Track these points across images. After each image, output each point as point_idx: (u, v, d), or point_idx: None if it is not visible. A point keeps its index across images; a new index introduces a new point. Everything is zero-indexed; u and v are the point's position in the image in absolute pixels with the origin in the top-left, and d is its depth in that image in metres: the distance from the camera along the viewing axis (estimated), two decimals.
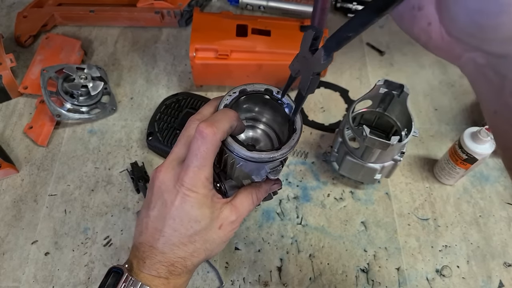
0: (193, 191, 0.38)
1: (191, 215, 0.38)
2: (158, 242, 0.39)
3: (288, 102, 0.42)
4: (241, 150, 0.38)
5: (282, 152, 0.39)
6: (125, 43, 0.89)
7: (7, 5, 0.95)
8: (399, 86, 0.60)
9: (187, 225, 0.38)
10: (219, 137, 0.37)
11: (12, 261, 0.62)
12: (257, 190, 0.44)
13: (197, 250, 0.39)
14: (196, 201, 0.38)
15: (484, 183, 0.71)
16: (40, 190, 0.69)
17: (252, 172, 0.42)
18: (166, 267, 0.38)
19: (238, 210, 0.42)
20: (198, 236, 0.39)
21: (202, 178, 0.38)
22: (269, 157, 0.39)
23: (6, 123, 0.76)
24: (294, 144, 0.40)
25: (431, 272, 0.62)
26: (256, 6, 0.93)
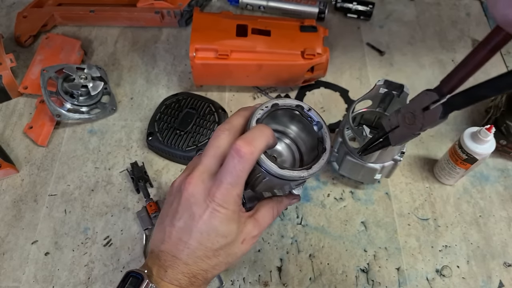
0: (224, 207, 0.38)
1: (218, 230, 0.38)
2: (182, 253, 0.39)
3: (318, 120, 0.42)
4: (273, 167, 0.38)
5: (312, 172, 0.39)
6: (125, 43, 0.89)
7: (7, 5, 0.95)
8: (399, 86, 0.60)
9: (214, 239, 0.39)
10: (256, 157, 0.37)
11: (12, 261, 0.62)
12: (278, 204, 0.44)
13: (220, 263, 0.40)
14: (226, 217, 0.38)
15: (484, 183, 0.71)
16: (40, 190, 0.69)
17: (276, 187, 0.42)
18: (188, 278, 0.39)
19: (260, 224, 0.42)
20: (223, 251, 0.40)
21: (234, 195, 0.38)
22: (299, 176, 0.39)
23: (6, 123, 0.76)
24: (324, 164, 0.40)
25: (431, 272, 0.62)
26: (256, 6, 0.93)
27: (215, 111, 0.74)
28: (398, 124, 0.43)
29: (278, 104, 0.42)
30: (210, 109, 0.74)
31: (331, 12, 0.95)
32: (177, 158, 0.71)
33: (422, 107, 0.39)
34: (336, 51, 0.88)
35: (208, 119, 0.73)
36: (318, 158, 0.40)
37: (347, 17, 0.94)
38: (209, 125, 0.72)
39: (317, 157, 0.40)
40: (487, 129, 0.60)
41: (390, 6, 0.97)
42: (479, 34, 0.92)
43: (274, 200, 0.44)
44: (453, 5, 0.98)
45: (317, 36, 0.75)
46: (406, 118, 0.42)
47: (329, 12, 0.93)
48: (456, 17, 0.95)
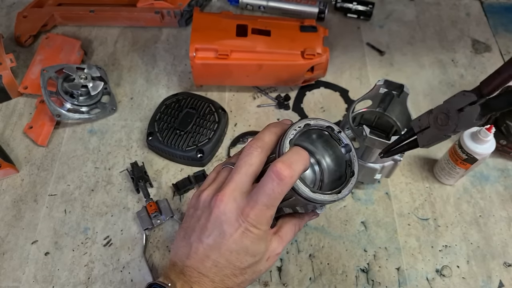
0: (257, 228, 0.38)
1: (249, 249, 0.39)
2: (210, 271, 0.39)
3: (347, 142, 0.43)
4: (305, 191, 0.38)
5: (342, 196, 0.40)
6: (125, 43, 0.89)
7: (7, 5, 0.95)
8: (399, 86, 0.60)
9: (243, 258, 0.39)
10: (295, 180, 0.37)
11: (12, 261, 0.62)
12: (300, 221, 0.44)
13: (245, 281, 0.40)
14: (257, 237, 0.38)
15: (484, 183, 0.71)
16: (40, 190, 0.69)
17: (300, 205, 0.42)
18: None
19: (283, 241, 0.42)
20: (250, 269, 0.40)
21: (267, 217, 0.38)
22: (330, 200, 0.39)
23: (6, 123, 0.76)
24: (352, 188, 0.41)
25: (431, 272, 0.62)
26: (256, 6, 0.93)
27: (215, 111, 0.74)
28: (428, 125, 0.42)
29: (310, 125, 0.42)
30: (210, 109, 0.74)
31: (331, 12, 0.95)
32: (177, 158, 0.71)
33: (458, 108, 0.38)
34: (336, 51, 0.88)
35: (208, 119, 0.73)
36: (347, 183, 0.41)
37: (347, 17, 0.94)
38: (209, 125, 0.72)
39: (346, 181, 0.41)
40: (487, 129, 0.60)
41: (390, 6, 0.97)
42: (479, 34, 0.92)
43: (296, 217, 0.44)
44: (453, 5, 0.98)
45: (317, 36, 0.75)
46: (438, 119, 0.41)
47: (329, 12, 0.93)
48: (456, 17, 0.95)
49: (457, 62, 0.87)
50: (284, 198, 0.39)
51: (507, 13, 0.97)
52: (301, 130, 0.41)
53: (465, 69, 0.86)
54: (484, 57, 0.88)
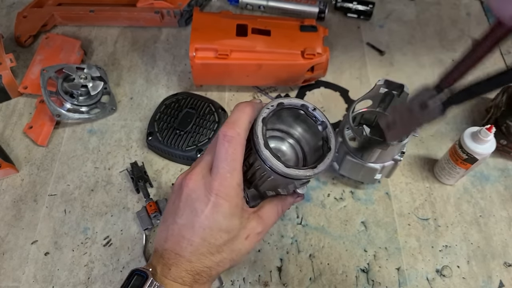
0: (226, 200, 0.37)
1: (221, 225, 0.38)
2: (186, 251, 0.38)
3: (323, 119, 0.42)
4: (279, 166, 0.38)
5: (318, 171, 0.39)
6: (124, 43, 0.89)
7: (7, 5, 0.95)
8: (399, 85, 0.60)
9: (217, 235, 0.38)
10: (243, 136, 0.37)
11: (12, 261, 0.62)
12: (282, 202, 0.44)
13: (224, 260, 0.40)
14: (228, 211, 0.38)
15: (484, 183, 0.71)
16: (40, 190, 0.69)
17: (280, 186, 0.42)
18: (192, 275, 0.38)
19: (264, 221, 0.42)
20: (226, 246, 0.39)
21: (234, 185, 0.37)
22: (305, 175, 0.39)
23: (6, 123, 0.76)
24: (329, 163, 0.40)
25: (431, 272, 0.62)
26: (256, 5, 0.93)
27: (215, 111, 0.74)
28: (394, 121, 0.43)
29: (283, 103, 0.42)
30: (210, 109, 0.74)
31: (331, 12, 0.95)
32: (177, 158, 0.71)
33: (420, 104, 0.39)
34: (336, 51, 0.88)
35: (208, 119, 0.73)
36: (323, 158, 0.40)
37: (347, 17, 0.94)
38: (209, 125, 0.72)
39: (322, 157, 0.40)
40: (487, 128, 0.59)
41: (390, 6, 0.97)
42: (479, 34, 0.92)
43: (279, 198, 0.44)
44: (453, 5, 0.98)
45: (317, 35, 0.75)
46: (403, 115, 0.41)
47: (329, 11, 0.93)
48: (456, 16, 0.95)
49: None
50: (262, 179, 0.40)
51: None
52: (274, 109, 0.41)
53: None
54: None
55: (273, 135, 0.47)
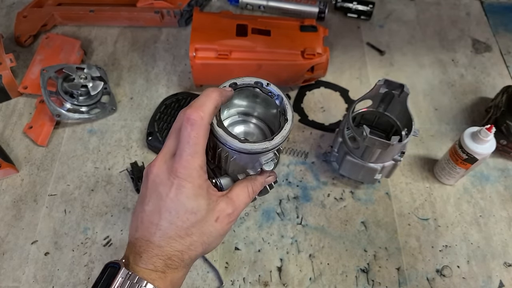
0: (188, 181, 0.37)
1: (187, 206, 0.38)
2: (155, 236, 0.38)
3: (278, 93, 0.43)
4: (234, 142, 0.38)
5: (275, 143, 0.39)
6: (124, 43, 0.89)
7: (7, 5, 0.95)
8: (399, 85, 0.60)
9: (183, 217, 0.38)
10: (207, 121, 0.37)
11: (12, 261, 0.62)
12: (252, 183, 0.43)
13: (194, 243, 0.39)
14: (192, 192, 0.38)
15: (484, 183, 0.71)
16: (40, 190, 0.69)
17: (247, 165, 0.42)
18: (163, 260, 0.38)
19: (235, 202, 0.41)
20: (195, 229, 0.39)
21: (196, 167, 0.37)
22: (262, 148, 0.38)
23: (6, 123, 0.76)
24: (287, 134, 0.40)
25: (431, 272, 0.62)
26: (256, 6, 0.93)
27: None
28: None
29: (236, 83, 0.43)
30: None
31: (331, 12, 0.95)
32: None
33: None
34: (336, 51, 0.88)
35: None
36: (281, 129, 0.40)
37: (347, 17, 0.94)
38: None
39: (279, 128, 0.40)
40: (487, 129, 0.59)
41: (390, 6, 0.97)
42: (479, 34, 0.92)
43: (248, 178, 0.44)
44: (453, 5, 0.98)
45: (317, 35, 0.75)
46: None
47: (329, 11, 0.93)
48: (456, 16, 0.95)
49: (457, 62, 0.87)
50: (227, 161, 0.40)
51: (507, 12, 0.96)
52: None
53: (465, 68, 0.86)
54: (484, 57, 0.88)
55: (237, 120, 0.47)
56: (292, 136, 0.75)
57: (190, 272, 0.61)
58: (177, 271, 0.39)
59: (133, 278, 0.37)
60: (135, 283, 0.36)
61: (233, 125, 0.47)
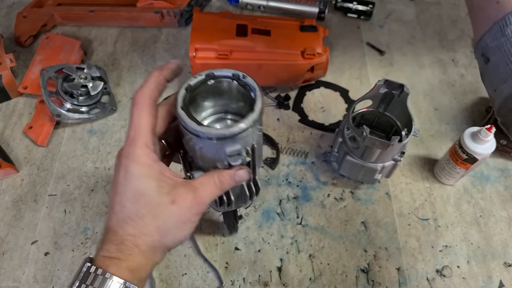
0: (135, 161, 0.37)
1: (135, 187, 0.37)
2: (111, 221, 0.38)
3: (254, 86, 0.41)
4: (192, 125, 0.36)
5: (233, 130, 0.36)
6: (124, 43, 0.89)
7: (7, 5, 0.95)
8: (399, 86, 0.60)
9: (132, 198, 0.37)
10: (148, 98, 0.38)
11: (12, 261, 0.62)
12: (219, 173, 0.41)
13: (147, 227, 0.37)
14: (139, 172, 0.37)
15: (484, 183, 0.71)
16: (40, 190, 0.69)
17: (214, 158, 0.40)
18: (116, 245, 0.37)
19: (197, 189, 0.39)
20: (146, 210, 0.37)
21: (141, 145, 0.37)
22: (218, 133, 0.36)
23: (6, 123, 0.76)
24: (249, 124, 0.37)
25: (432, 272, 0.62)
26: (256, 6, 0.93)
27: None
28: None
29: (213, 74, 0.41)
30: None
31: (331, 12, 0.95)
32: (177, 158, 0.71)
33: None
34: (336, 51, 0.88)
35: None
36: (244, 119, 0.37)
37: (347, 17, 0.94)
38: None
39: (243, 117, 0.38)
40: (487, 129, 0.59)
41: (390, 6, 0.97)
42: None
43: (216, 170, 0.41)
44: (453, 5, 0.98)
45: (317, 36, 0.75)
46: None
47: (329, 11, 0.93)
48: (456, 16, 0.95)
49: (458, 62, 0.87)
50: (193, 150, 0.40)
51: None
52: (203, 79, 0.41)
53: (465, 68, 0.86)
54: None
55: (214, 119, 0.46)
56: (292, 136, 0.76)
57: (190, 272, 0.61)
58: (132, 258, 0.37)
59: (92, 269, 0.36)
60: (92, 273, 0.36)
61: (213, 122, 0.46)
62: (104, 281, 0.35)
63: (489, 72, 0.43)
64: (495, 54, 0.41)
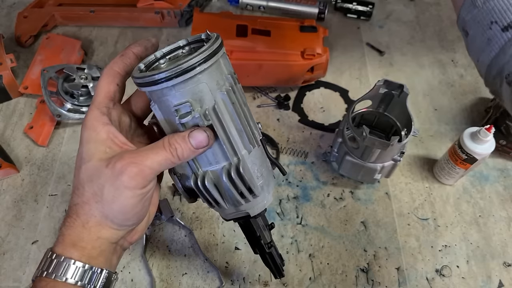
0: (85, 125, 0.36)
1: (81, 152, 0.36)
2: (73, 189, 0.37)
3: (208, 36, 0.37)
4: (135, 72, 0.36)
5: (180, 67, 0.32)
6: (125, 43, 0.89)
7: (8, 5, 0.95)
8: (398, 86, 0.60)
9: (78, 165, 0.36)
10: (111, 68, 0.38)
11: (13, 261, 0.62)
12: (170, 136, 0.36)
13: (86, 194, 0.35)
14: (86, 136, 0.36)
15: (483, 183, 0.71)
16: (41, 190, 0.69)
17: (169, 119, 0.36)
18: (64, 220, 0.36)
19: (141, 152, 0.35)
20: (85, 176, 0.35)
21: (92, 109, 0.36)
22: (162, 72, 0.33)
23: (6, 123, 0.77)
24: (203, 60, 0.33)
25: (431, 272, 0.62)
26: (256, 6, 0.93)
27: None
28: None
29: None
30: None
31: (331, 12, 0.95)
32: None
33: None
34: (336, 51, 0.88)
35: None
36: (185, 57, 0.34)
37: (347, 17, 0.94)
38: None
39: None
40: (486, 129, 0.60)
41: (390, 6, 0.97)
42: None
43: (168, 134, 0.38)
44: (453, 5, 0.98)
45: (317, 36, 0.75)
46: None
47: (329, 12, 0.93)
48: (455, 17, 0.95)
49: (457, 62, 0.87)
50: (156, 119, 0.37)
51: None
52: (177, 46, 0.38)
53: (465, 69, 0.86)
54: None
55: None
56: (292, 136, 0.76)
57: (190, 272, 0.61)
58: (73, 229, 0.35)
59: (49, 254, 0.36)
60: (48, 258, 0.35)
61: None
62: (51, 263, 0.34)
63: (470, 45, 0.44)
64: (471, 27, 0.43)
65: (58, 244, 0.35)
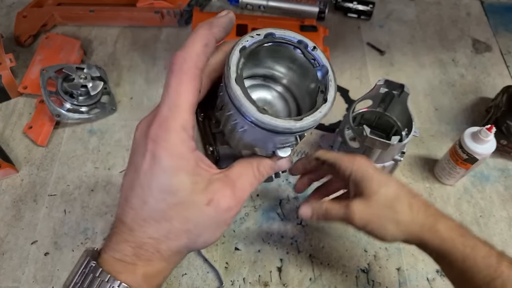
0: (165, 148, 0.28)
1: (162, 183, 0.28)
2: (127, 216, 0.30)
3: (323, 63, 0.32)
4: (250, 109, 0.28)
5: (303, 125, 0.29)
6: (124, 43, 0.89)
7: (7, 5, 0.95)
8: (399, 86, 0.60)
9: (158, 196, 0.29)
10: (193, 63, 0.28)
11: (12, 261, 0.62)
12: (259, 163, 0.33)
13: (175, 230, 0.30)
14: (170, 164, 0.28)
15: (484, 183, 0.71)
16: (40, 190, 0.69)
17: (256, 143, 0.32)
18: (132, 248, 0.30)
19: (235, 183, 0.31)
20: (175, 212, 0.29)
21: (176, 128, 0.28)
22: (284, 127, 0.28)
23: (5, 123, 0.76)
24: (320, 118, 0.30)
25: (432, 272, 0.62)
26: (256, 6, 0.93)
27: None
28: None
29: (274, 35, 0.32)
30: None
31: (331, 12, 0.94)
32: None
33: None
34: (336, 51, 0.88)
35: None
36: (315, 110, 0.30)
37: (347, 17, 0.94)
38: None
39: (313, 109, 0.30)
40: (487, 129, 0.59)
41: (391, 6, 0.97)
42: (480, 34, 0.92)
43: (255, 157, 0.34)
44: (453, 5, 0.98)
45: (317, 35, 0.75)
46: None
47: (329, 11, 0.93)
48: (456, 16, 0.95)
49: (458, 62, 0.87)
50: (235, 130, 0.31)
51: (508, 12, 0.96)
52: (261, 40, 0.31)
53: (465, 68, 0.86)
54: (484, 57, 0.88)
55: (258, 83, 0.36)
56: None
57: (190, 272, 0.61)
58: (151, 264, 0.30)
59: (95, 271, 0.29)
60: (97, 277, 0.29)
61: (252, 88, 0.36)
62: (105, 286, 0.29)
63: None
64: None
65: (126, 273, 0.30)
